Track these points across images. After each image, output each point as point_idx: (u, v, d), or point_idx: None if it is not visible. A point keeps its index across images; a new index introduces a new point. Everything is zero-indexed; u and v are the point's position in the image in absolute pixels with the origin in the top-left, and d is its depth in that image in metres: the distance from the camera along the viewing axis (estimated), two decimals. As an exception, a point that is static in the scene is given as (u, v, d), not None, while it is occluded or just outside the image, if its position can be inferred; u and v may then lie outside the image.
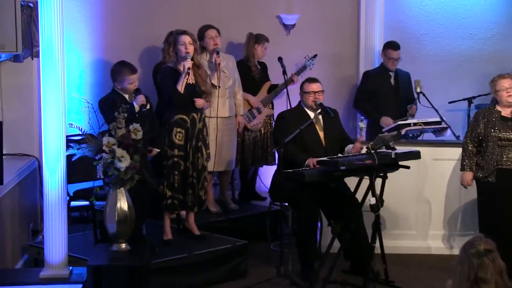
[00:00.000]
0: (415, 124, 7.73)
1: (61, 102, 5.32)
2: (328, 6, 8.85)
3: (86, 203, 6.84)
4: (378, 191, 6.39)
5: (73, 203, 7.30)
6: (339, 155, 6.76)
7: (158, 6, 8.47)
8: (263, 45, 8.15)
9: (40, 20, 5.26)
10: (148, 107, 6.49)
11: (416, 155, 6.73)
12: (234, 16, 8.42)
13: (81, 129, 5.49)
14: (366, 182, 6.43)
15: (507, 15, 9.06)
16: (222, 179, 8.11)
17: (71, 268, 5.52)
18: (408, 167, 6.64)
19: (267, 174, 8.21)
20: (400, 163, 6.57)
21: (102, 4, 8.42)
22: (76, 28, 8.30)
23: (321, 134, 6.88)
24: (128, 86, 6.42)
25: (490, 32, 9.06)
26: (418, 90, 8.18)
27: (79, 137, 5.68)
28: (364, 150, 6.64)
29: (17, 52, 5.16)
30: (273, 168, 7.66)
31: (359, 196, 6.54)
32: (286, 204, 6.83)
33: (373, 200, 6.31)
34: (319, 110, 6.84)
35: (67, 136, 5.50)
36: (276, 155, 7.24)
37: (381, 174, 6.46)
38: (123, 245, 5.52)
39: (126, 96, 6.41)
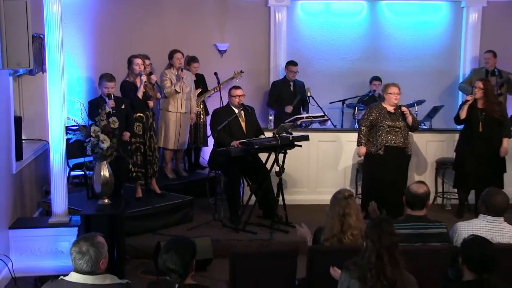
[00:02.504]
0: (307, 117, 7.83)
1: (62, 102, 5.25)
2: (249, 38, 8.83)
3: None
4: (281, 162, 6.44)
5: (73, 173, 7.27)
6: (254, 138, 6.79)
7: (135, 36, 8.42)
8: (193, 64, 8.11)
9: (47, 46, 5.17)
10: (123, 106, 6.32)
11: (306, 138, 6.78)
12: (185, 44, 8.30)
13: (76, 121, 5.43)
14: (272, 156, 6.49)
15: (368, 45, 9.12)
16: (177, 155, 8.02)
17: (70, 216, 5.48)
18: (300, 146, 6.72)
19: (207, 152, 8.18)
20: (296, 143, 6.63)
21: (95, 34, 8.38)
22: (76, 51, 8.27)
23: (243, 124, 6.86)
24: (104, 89, 6.23)
25: (356, 56, 9.11)
26: (309, 94, 8.23)
27: (75, 127, 5.58)
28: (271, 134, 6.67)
29: (30, 68, 5.04)
30: (210, 148, 7.64)
31: (268, 165, 6.60)
32: (219, 172, 6.83)
33: (277, 168, 6.38)
34: (241, 108, 6.85)
35: (66, 126, 5.43)
36: (211, 138, 7.20)
37: (283, 151, 6.52)
38: (106, 200, 5.45)
39: (107, 99, 6.24)
